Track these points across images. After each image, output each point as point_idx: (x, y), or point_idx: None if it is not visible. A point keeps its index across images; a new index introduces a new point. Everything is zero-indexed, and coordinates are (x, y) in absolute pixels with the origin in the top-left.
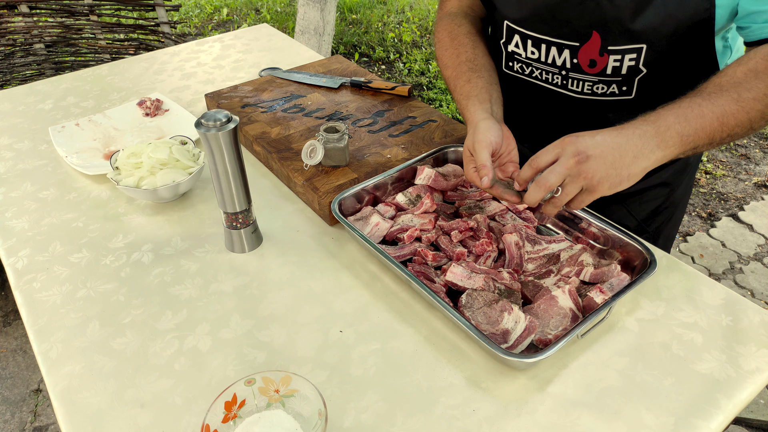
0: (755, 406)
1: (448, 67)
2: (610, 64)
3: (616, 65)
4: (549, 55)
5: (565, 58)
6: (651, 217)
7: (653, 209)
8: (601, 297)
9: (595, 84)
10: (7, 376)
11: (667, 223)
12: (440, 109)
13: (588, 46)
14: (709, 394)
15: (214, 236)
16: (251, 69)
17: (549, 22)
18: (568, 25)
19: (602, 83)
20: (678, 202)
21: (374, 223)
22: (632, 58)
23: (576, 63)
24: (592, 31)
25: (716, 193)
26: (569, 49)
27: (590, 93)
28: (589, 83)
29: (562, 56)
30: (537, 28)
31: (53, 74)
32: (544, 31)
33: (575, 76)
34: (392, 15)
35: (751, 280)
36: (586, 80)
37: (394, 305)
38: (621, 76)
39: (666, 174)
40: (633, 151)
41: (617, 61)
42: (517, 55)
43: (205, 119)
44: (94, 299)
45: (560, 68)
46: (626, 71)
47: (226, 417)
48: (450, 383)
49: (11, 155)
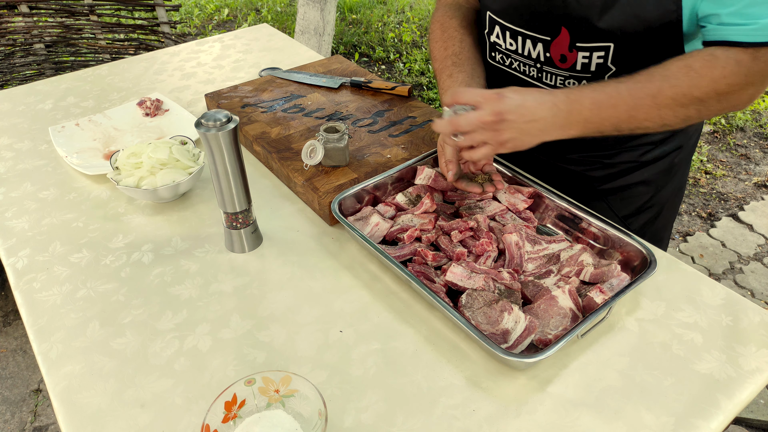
0: (755, 406)
1: (436, 60)
2: (579, 60)
3: (584, 62)
4: (525, 47)
5: (539, 51)
6: (633, 215)
7: (636, 207)
8: (601, 297)
9: (567, 79)
10: (7, 376)
11: (653, 222)
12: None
13: (558, 41)
14: (709, 394)
15: (214, 236)
16: (251, 69)
17: (523, 15)
18: (540, 20)
19: (573, 78)
20: (665, 203)
21: (374, 223)
22: (600, 56)
23: (549, 57)
24: (561, 26)
25: (716, 193)
26: (542, 42)
27: (563, 87)
28: (561, 77)
29: (536, 49)
30: (513, 20)
31: (53, 74)
32: (520, 23)
33: (549, 70)
34: (392, 15)
35: (751, 280)
36: (558, 74)
37: (394, 305)
38: (591, 73)
39: (648, 173)
40: (542, 124)
41: (586, 58)
42: (498, 45)
43: (205, 119)
44: (94, 299)
45: (535, 61)
46: (595, 68)
47: (226, 417)
48: (450, 383)
49: (11, 155)
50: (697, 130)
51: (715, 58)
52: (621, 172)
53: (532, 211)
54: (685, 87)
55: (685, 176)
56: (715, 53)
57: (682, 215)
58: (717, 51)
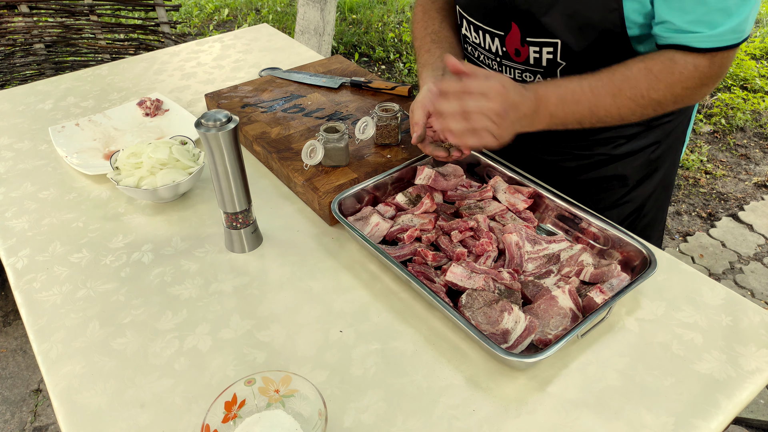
0: (755, 406)
1: (416, 39)
2: (531, 55)
3: (536, 56)
4: (485, 41)
5: (497, 45)
6: (609, 209)
7: (613, 201)
8: (601, 297)
9: (523, 72)
10: (7, 376)
11: (637, 219)
12: None
13: (511, 35)
14: (709, 394)
15: (214, 236)
16: (251, 69)
17: (479, 10)
18: (493, 15)
19: (528, 72)
20: (646, 200)
21: (374, 223)
22: (549, 51)
23: (505, 51)
24: (511, 22)
25: (716, 193)
26: (498, 37)
27: (521, 80)
28: (518, 71)
29: (494, 43)
30: (473, 14)
31: (53, 74)
32: (478, 17)
33: (507, 64)
34: (392, 15)
35: (751, 280)
36: (515, 68)
37: (394, 305)
38: (543, 67)
39: (622, 168)
40: (514, 118)
41: (536, 53)
42: (467, 38)
43: (205, 119)
44: (94, 299)
45: (495, 54)
46: (546, 63)
47: (226, 417)
48: (450, 383)
49: (11, 155)
50: (679, 128)
51: (674, 62)
52: (594, 164)
53: (532, 211)
54: (644, 89)
55: (670, 175)
56: (674, 58)
57: (682, 215)
58: (676, 56)
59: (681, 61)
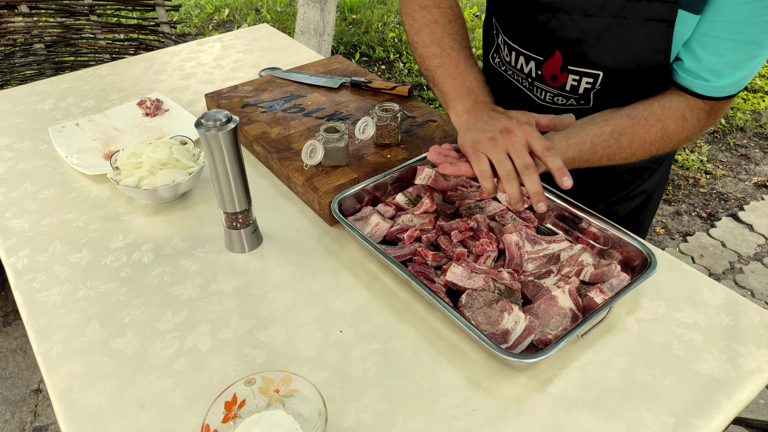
0: (755, 406)
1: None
2: (569, 82)
3: (574, 84)
4: (519, 62)
5: (531, 68)
6: (620, 202)
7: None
8: (601, 297)
9: (556, 96)
10: (7, 376)
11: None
12: (440, 110)
13: (551, 61)
14: (709, 394)
15: (214, 236)
16: (251, 69)
17: (521, 32)
18: (536, 40)
19: (562, 96)
20: (652, 192)
21: (374, 223)
22: (589, 81)
23: (540, 74)
24: (555, 49)
25: (716, 193)
26: (535, 61)
27: (551, 102)
28: (550, 94)
29: (529, 66)
30: (511, 35)
31: (53, 74)
32: (516, 40)
33: (539, 86)
34: (392, 15)
35: (751, 280)
36: (548, 91)
37: (394, 305)
38: (578, 94)
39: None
40: None
41: (575, 81)
42: (498, 54)
43: (205, 119)
44: (94, 299)
45: (527, 76)
46: (583, 91)
47: (226, 417)
48: (450, 383)
49: (11, 155)
50: None
51: (684, 120)
52: None
53: (532, 211)
54: (656, 149)
55: (669, 167)
56: (685, 115)
57: (682, 215)
58: (686, 112)
59: (690, 117)
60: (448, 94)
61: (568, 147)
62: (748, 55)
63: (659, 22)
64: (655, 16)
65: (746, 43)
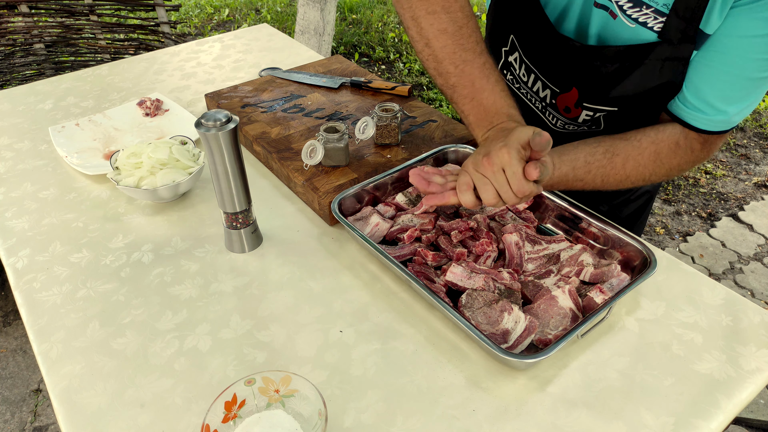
0: (755, 406)
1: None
2: (581, 116)
3: (587, 118)
4: (535, 86)
5: (546, 95)
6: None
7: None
8: (601, 297)
9: (567, 123)
10: (7, 376)
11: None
12: (440, 109)
13: (567, 96)
14: (709, 394)
15: (214, 236)
16: (251, 69)
17: (542, 59)
18: (556, 73)
19: (574, 125)
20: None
21: (374, 223)
22: (603, 116)
23: (554, 103)
24: (573, 86)
25: (716, 193)
26: (551, 90)
27: (562, 128)
28: (562, 122)
29: (544, 92)
30: (531, 58)
31: (53, 74)
32: (536, 64)
33: (552, 112)
34: (392, 15)
35: (751, 280)
36: (560, 119)
37: (394, 305)
38: (588, 125)
39: None
40: None
41: (588, 116)
42: (513, 68)
43: (205, 119)
44: (94, 299)
45: (542, 100)
46: (593, 122)
47: (226, 417)
48: (450, 383)
49: (11, 155)
50: None
51: (678, 147)
52: None
53: (532, 211)
54: (648, 173)
55: None
56: (679, 142)
57: (682, 215)
58: (680, 139)
59: (683, 145)
60: (468, 117)
61: (561, 163)
62: (744, 91)
63: (677, 62)
64: (674, 56)
65: (744, 79)
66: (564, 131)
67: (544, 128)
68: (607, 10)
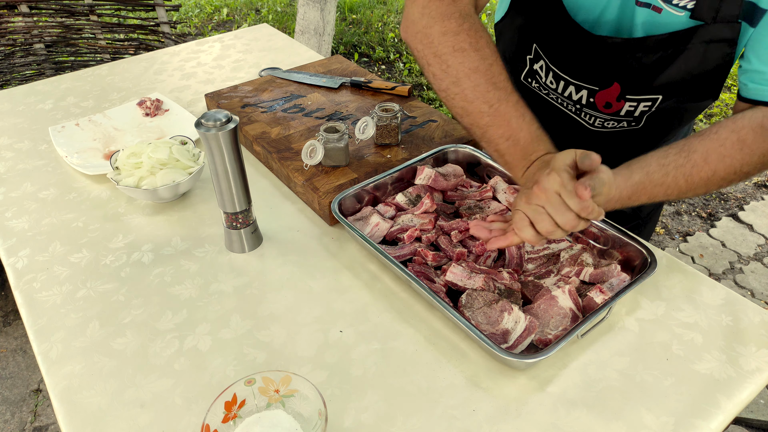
0: (755, 406)
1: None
2: (624, 109)
3: (630, 110)
4: (566, 90)
5: (581, 96)
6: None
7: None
8: (601, 297)
9: (607, 120)
10: (7, 376)
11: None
12: (440, 109)
13: (607, 91)
14: (709, 394)
15: (214, 236)
16: (251, 69)
17: (574, 63)
18: (593, 72)
19: (614, 121)
20: None
21: (374, 223)
22: (647, 105)
23: (592, 102)
24: (614, 81)
25: (716, 193)
26: (587, 90)
27: (601, 127)
28: (601, 119)
29: (579, 94)
30: (561, 66)
31: (53, 74)
32: (567, 71)
33: (589, 112)
34: (392, 15)
35: (751, 280)
36: (598, 117)
37: (394, 305)
38: (632, 117)
39: None
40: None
41: (632, 107)
42: (539, 76)
43: (205, 119)
44: (94, 299)
45: (575, 102)
46: (638, 114)
47: (226, 417)
48: (450, 383)
49: (11, 155)
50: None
51: (763, 129)
52: None
53: None
54: (737, 164)
55: None
56: (763, 123)
57: (682, 215)
58: (764, 120)
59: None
60: (504, 156)
61: (630, 172)
62: None
63: (720, 43)
64: (716, 38)
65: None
66: (602, 130)
67: (580, 130)
68: (649, 6)
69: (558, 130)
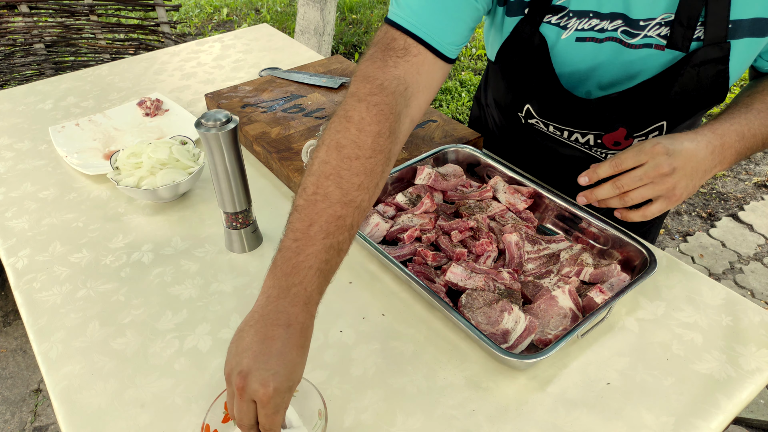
0: (755, 406)
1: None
2: (634, 143)
3: (641, 140)
4: (572, 136)
5: (588, 139)
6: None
7: None
8: (601, 297)
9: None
10: (7, 376)
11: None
12: (440, 109)
13: (613, 134)
14: (709, 394)
15: (214, 236)
16: (251, 69)
17: (573, 120)
18: (595, 122)
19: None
20: None
21: (374, 223)
22: (655, 134)
23: (600, 143)
24: (619, 126)
25: (716, 193)
26: (593, 135)
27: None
28: (612, 153)
29: (585, 138)
30: (561, 121)
31: (53, 74)
32: (568, 124)
33: (599, 149)
34: None
35: (751, 280)
36: (608, 153)
37: (394, 305)
38: None
39: None
40: (705, 165)
41: (641, 138)
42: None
43: (205, 119)
44: (94, 299)
45: (583, 144)
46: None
47: (226, 417)
48: (450, 383)
49: (11, 155)
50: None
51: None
52: None
53: (532, 211)
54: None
55: None
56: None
57: (682, 215)
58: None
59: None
60: None
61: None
62: None
63: (710, 63)
64: (708, 59)
65: None
66: None
67: (589, 156)
68: (650, 47)
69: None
